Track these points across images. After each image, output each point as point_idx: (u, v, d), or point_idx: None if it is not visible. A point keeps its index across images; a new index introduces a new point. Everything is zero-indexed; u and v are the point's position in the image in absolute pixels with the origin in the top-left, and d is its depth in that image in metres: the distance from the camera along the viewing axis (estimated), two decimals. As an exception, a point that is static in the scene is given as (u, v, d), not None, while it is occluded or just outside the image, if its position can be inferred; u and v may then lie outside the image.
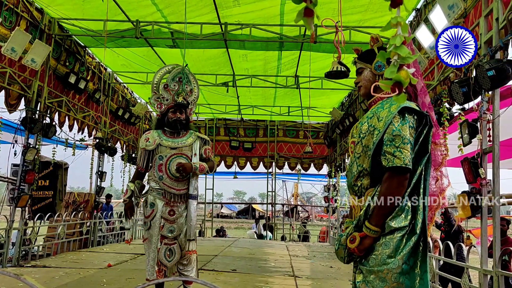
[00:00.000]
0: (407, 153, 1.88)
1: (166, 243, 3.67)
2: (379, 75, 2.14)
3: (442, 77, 4.96)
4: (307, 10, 1.27)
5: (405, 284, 1.84)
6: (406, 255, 1.85)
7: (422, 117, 1.98)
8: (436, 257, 4.93)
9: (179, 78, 3.97)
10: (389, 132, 1.92)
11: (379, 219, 1.89)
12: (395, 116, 1.94)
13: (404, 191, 1.90)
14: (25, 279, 1.14)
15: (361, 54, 2.26)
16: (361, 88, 2.23)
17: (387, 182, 1.90)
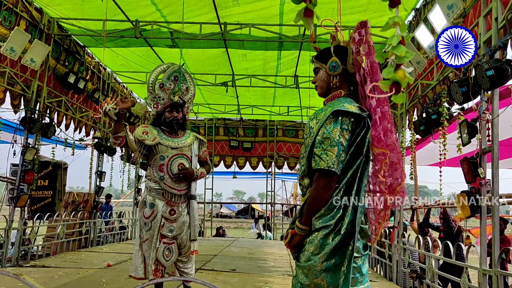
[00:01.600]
0: (333, 156, 1.90)
1: (165, 242, 3.67)
2: (333, 75, 2.13)
3: (442, 77, 4.96)
4: (307, 10, 1.27)
5: (326, 281, 1.87)
6: (328, 254, 1.88)
7: (361, 119, 1.99)
8: (436, 257, 4.93)
9: (175, 77, 3.95)
10: (320, 134, 1.95)
11: (307, 218, 1.95)
12: (327, 118, 1.96)
13: (330, 192, 1.92)
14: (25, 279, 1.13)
15: (317, 53, 2.26)
16: (317, 87, 2.23)
17: (315, 183, 1.94)
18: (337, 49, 2.16)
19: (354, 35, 2.08)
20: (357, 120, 1.98)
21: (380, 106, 2.01)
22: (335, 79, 2.13)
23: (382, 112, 2.01)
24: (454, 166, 5.92)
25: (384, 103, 2.03)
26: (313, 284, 1.89)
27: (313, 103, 10.26)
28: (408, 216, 8.94)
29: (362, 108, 2.06)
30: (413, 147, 5.85)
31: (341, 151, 1.93)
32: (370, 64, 2.01)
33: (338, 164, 1.91)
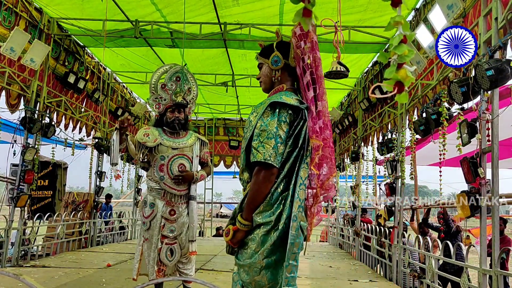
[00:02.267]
0: (269, 148, 1.89)
1: (167, 243, 3.67)
2: (275, 69, 2.15)
3: (441, 77, 4.96)
4: (305, 10, 1.27)
5: (267, 278, 1.87)
6: (268, 250, 1.87)
7: (299, 111, 1.99)
8: (436, 257, 4.93)
9: (177, 77, 3.96)
10: (257, 127, 1.94)
11: (248, 213, 1.92)
12: (265, 111, 1.96)
13: (270, 186, 1.90)
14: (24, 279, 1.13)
15: (261, 49, 2.28)
16: (261, 83, 2.25)
17: (254, 176, 1.92)
18: (280, 45, 2.18)
19: (296, 29, 2.10)
20: (295, 112, 1.99)
21: (321, 100, 2.04)
22: (277, 73, 2.15)
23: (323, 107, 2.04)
24: (454, 166, 5.93)
25: (323, 97, 2.05)
26: (254, 282, 1.89)
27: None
28: (408, 216, 8.95)
29: (301, 100, 2.07)
30: (413, 147, 5.85)
31: (279, 143, 1.91)
32: (313, 59, 2.04)
33: (275, 157, 1.89)
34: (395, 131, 6.70)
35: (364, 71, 8.61)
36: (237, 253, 2.01)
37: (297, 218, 1.89)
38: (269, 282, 1.87)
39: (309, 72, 2.03)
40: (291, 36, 2.11)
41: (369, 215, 12.87)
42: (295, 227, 1.88)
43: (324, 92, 2.06)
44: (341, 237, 11.00)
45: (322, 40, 6.36)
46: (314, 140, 1.98)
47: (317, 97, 2.03)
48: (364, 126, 8.78)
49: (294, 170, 1.94)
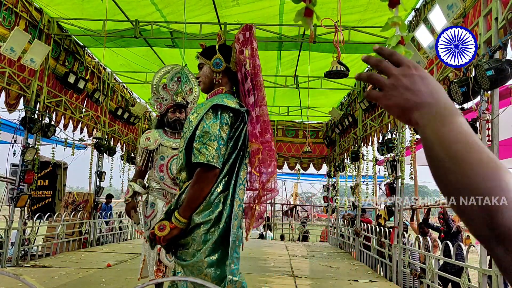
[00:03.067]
0: (212, 150, 1.92)
1: (166, 243, 3.68)
2: (216, 72, 2.19)
3: (441, 77, 4.96)
4: (307, 10, 1.27)
5: (210, 276, 1.88)
6: (210, 249, 1.89)
7: (240, 114, 2.04)
8: (436, 257, 4.93)
9: (178, 77, 3.97)
10: (200, 129, 1.98)
11: (188, 212, 1.94)
12: (207, 113, 1.99)
13: (211, 186, 1.93)
14: (24, 279, 1.13)
15: (202, 50, 2.30)
16: (201, 83, 2.27)
17: (195, 176, 1.95)
18: (222, 48, 2.22)
19: (239, 35, 2.18)
20: (236, 115, 2.03)
21: (258, 105, 2.09)
22: (218, 75, 2.19)
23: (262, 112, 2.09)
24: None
25: (263, 102, 2.11)
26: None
27: (313, 103, 10.26)
28: (408, 216, 8.95)
29: (241, 104, 2.12)
30: (413, 147, 5.85)
31: (221, 145, 1.96)
32: (253, 66, 2.11)
33: (218, 158, 1.93)
34: (395, 131, 6.70)
35: (364, 70, 8.61)
36: (178, 254, 2.01)
37: (238, 216, 1.95)
38: (213, 280, 1.89)
39: (250, 79, 2.10)
40: (234, 41, 2.18)
41: (368, 215, 12.88)
42: (236, 225, 1.93)
43: (263, 98, 2.12)
44: (341, 237, 11.01)
45: (322, 40, 6.38)
46: (254, 143, 2.05)
47: (256, 102, 2.10)
48: (364, 126, 8.79)
49: (234, 171, 1.99)
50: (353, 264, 7.88)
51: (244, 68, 2.12)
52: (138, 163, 3.88)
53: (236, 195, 1.95)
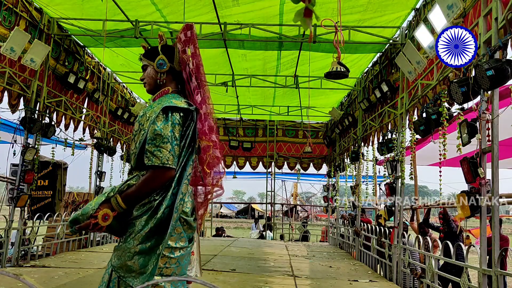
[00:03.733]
0: (166, 152, 1.95)
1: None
2: (160, 72, 2.21)
3: (442, 77, 4.96)
4: (307, 10, 1.28)
5: (138, 263, 1.89)
6: (143, 236, 1.91)
7: (189, 113, 2.07)
8: (436, 257, 4.93)
9: None
10: (151, 131, 1.98)
11: (131, 203, 1.97)
12: (158, 115, 2.00)
13: (160, 186, 1.97)
14: (24, 279, 1.13)
15: (146, 51, 2.32)
16: (145, 84, 2.29)
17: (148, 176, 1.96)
18: (165, 48, 2.24)
19: (180, 35, 2.20)
20: (185, 114, 2.07)
21: (205, 104, 2.14)
22: (162, 76, 2.21)
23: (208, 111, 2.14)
24: (454, 166, 5.92)
25: (209, 101, 2.16)
26: (125, 266, 1.91)
27: (313, 103, 10.27)
28: (408, 216, 8.95)
29: (189, 103, 2.15)
30: (413, 147, 5.85)
31: (175, 145, 1.99)
32: (196, 65, 2.16)
33: (173, 160, 1.97)
34: (395, 131, 6.70)
35: (364, 71, 8.61)
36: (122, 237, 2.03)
37: (178, 210, 1.96)
38: (140, 267, 1.89)
39: (194, 77, 2.15)
40: (176, 41, 2.20)
41: (368, 215, 12.89)
42: (175, 218, 1.95)
43: (208, 97, 2.17)
44: (341, 237, 11.01)
45: (322, 40, 6.38)
46: (204, 141, 2.10)
47: (202, 101, 2.14)
48: (364, 126, 8.79)
49: (180, 166, 2.02)
50: (353, 264, 7.88)
51: (188, 67, 2.16)
52: None
53: (180, 189, 1.98)
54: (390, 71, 7.14)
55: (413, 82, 5.88)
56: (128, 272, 1.90)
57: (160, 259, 1.92)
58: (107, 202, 1.98)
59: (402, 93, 6.34)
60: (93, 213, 1.95)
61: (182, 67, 2.20)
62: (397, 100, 6.64)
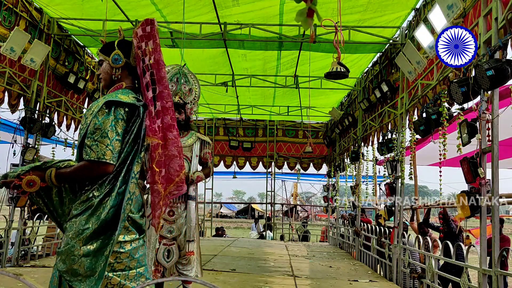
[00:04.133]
0: (104, 147, 1.91)
1: (164, 243, 3.67)
2: (116, 67, 2.18)
3: (442, 77, 4.96)
4: (310, 10, 1.28)
5: (84, 266, 1.85)
6: (87, 238, 1.87)
7: (136, 109, 2.04)
8: (436, 257, 4.93)
9: (177, 78, 3.98)
10: (92, 125, 1.96)
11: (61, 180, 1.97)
12: (100, 109, 1.97)
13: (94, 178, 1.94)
14: (24, 279, 1.13)
15: (102, 46, 2.29)
16: (101, 80, 2.26)
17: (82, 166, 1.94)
18: (121, 43, 2.21)
19: (137, 30, 2.16)
20: (132, 110, 2.03)
21: (161, 100, 2.08)
22: (117, 71, 2.19)
23: (164, 107, 2.08)
24: (454, 166, 5.92)
25: (168, 98, 2.09)
26: (70, 270, 1.86)
27: (313, 103, 10.27)
28: (408, 216, 8.95)
29: (139, 98, 2.12)
30: (413, 147, 5.85)
31: (115, 141, 1.95)
32: (156, 60, 2.10)
33: (111, 155, 1.93)
34: (395, 131, 6.70)
35: (364, 71, 8.61)
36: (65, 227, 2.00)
37: (125, 210, 1.93)
38: (87, 270, 1.85)
39: (149, 73, 2.09)
40: (133, 36, 2.17)
41: (368, 215, 12.89)
42: (123, 218, 1.91)
43: (168, 94, 2.11)
44: (341, 237, 11.01)
45: (322, 40, 6.38)
46: (152, 138, 2.05)
47: (157, 97, 2.09)
48: (364, 126, 8.79)
49: (125, 164, 1.98)
50: (353, 264, 7.88)
51: (142, 62, 2.12)
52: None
53: (127, 189, 1.95)
54: (390, 71, 7.14)
55: (413, 82, 5.88)
56: (74, 276, 1.86)
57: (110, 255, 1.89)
58: (40, 170, 1.97)
59: (402, 93, 6.34)
60: (21, 174, 1.94)
61: (137, 63, 2.16)
62: (397, 100, 6.64)
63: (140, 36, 2.15)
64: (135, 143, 2.02)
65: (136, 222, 2.02)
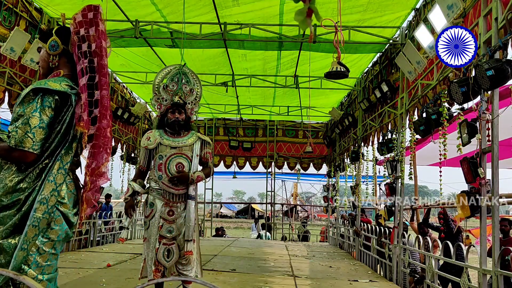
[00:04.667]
0: (22, 134, 1.85)
1: (164, 243, 3.67)
2: (53, 54, 2.13)
3: (442, 77, 4.96)
4: (309, 10, 1.28)
5: (5, 258, 1.81)
6: (7, 231, 1.83)
7: (67, 97, 1.98)
8: (436, 257, 4.93)
9: (178, 78, 3.98)
10: (16, 111, 1.91)
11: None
12: (26, 96, 1.92)
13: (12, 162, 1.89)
14: (24, 279, 1.13)
15: (41, 33, 2.26)
16: (40, 68, 2.21)
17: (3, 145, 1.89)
18: (61, 30, 2.16)
19: (76, 15, 2.10)
20: (63, 98, 1.97)
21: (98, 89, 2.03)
22: (54, 58, 2.13)
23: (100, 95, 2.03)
24: (454, 166, 5.92)
25: (104, 86, 2.05)
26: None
27: (313, 103, 10.26)
28: (408, 216, 8.95)
29: (73, 86, 2.05)
30: (413, 147, 5.85)
31: (38, 128, 1.88)
32: (99, 48, 2.08)
33: (32, 143, 1.86)
34: (395, 131, 6.70)
35: (364, 71, 8.61)
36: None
37: (47, 201, 1.88)
38: (7, 262, 1.81)
39: (87, 60, 2.05)
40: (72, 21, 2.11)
41: (368, 215, 12.89)
42: (43, 210, 1.86)
43: (106, 82, 2.07)
44: (341, 237, 11.01)
45: (322, 40, 6.38)
46: (80, 127, 1.98)
47: (96, 86, 2.04)
48: (364, 126, 8.79)
49: (54, 155, 1.93)
50: (353, 264, 7.88)
51: (78, 49, 2.06)
52: (139, 163, 3.90)
53: (53, 179, 1.90)
54: (390, 71, 7.14)
55: (413, 82, 5.88)
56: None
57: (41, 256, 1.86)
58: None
59: (402, 93, 6.34)
60: None
61: (72, 49, 2.09)
62: (397, 100, 6.64)
63: (79, 22, 2.08)
64: (67, 133, 1.96)
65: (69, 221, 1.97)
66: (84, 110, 1.98)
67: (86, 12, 2.09)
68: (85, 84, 2.01)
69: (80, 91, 2.01)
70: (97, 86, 2.04)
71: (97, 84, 2.04)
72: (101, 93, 2.04)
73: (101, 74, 2.08)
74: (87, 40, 2.06)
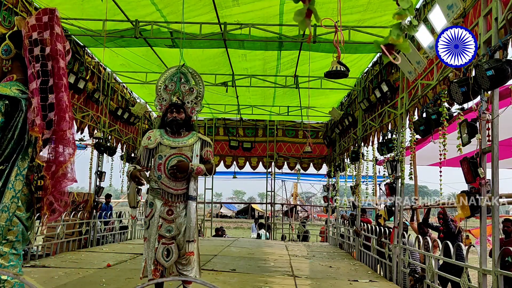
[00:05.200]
0: None
1: (163, 242, 3.67)
2: (6, 59, 2.13)
3: (442, 77, 4.96)
4: (308, 10, 1.28)
5: None
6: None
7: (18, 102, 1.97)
8: (436, 257, 4.93)
9: (177, 78, 4.00)
10: None
11: None
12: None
13: None
14: (24, 279, 1.13)
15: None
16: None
17: None
18: (16, 35, 2.16)
19: (30, 19, 2.11)
20: (14, 103, 1.96)
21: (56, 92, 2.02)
22: (7, 63, 2.13)
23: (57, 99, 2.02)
24: (454, 166, 5.92)
25: (62, 89, 2.03)
26: None
27: (313, 103, 10.26)
28: (408, 216, 8.95)
29: (25, 91, 2.04)
30: (413, 147, 5.85)
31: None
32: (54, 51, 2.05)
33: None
34: (395, 131, 6.70)
35: (364, 71, 8.61)
36: None
37: (9, 208, 1.89)
38: None
39: (39, 64, 2.03)
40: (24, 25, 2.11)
41: (368, 215, 12.88)
42: (5, 218, 1.88)
43: (63, 85, 2.05)
44: (341, 237, 11.01)
45: (322, 40, 6.38)
46: (33, 132, 1.97)
47: (51, 89, 2.03)
48: (364, 126, 8.79)
49: (10, 160, 1.93)
50: (353, 264, 7.88)
51: (29, 53, 2.05)
52: (140, 161, 3.89)
53: (11, 186, 1.91)
54: (390, 71, 7.14)
55: (413, 82, 5.88)
56: None
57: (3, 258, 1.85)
58: None
59: (402, 93, 6.33)
60: None
61: (24, 53, 2.09)
62: (397, 100, 6.64)
63: (32, 26, 2.08)
64: (21, 138, 1.95)
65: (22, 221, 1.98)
66: (37, 115, 1.96)
67: (40, 16, 2.11)
68: (37, 88, 2.00)
69: (31, 95, 1.99)
70: (51, 89, 2.02)
71: (52, 87, 2.02)
72: (57, 96, 2.02)
73: (58, 77, 2.05)
74: (40, 43, 2.05)
